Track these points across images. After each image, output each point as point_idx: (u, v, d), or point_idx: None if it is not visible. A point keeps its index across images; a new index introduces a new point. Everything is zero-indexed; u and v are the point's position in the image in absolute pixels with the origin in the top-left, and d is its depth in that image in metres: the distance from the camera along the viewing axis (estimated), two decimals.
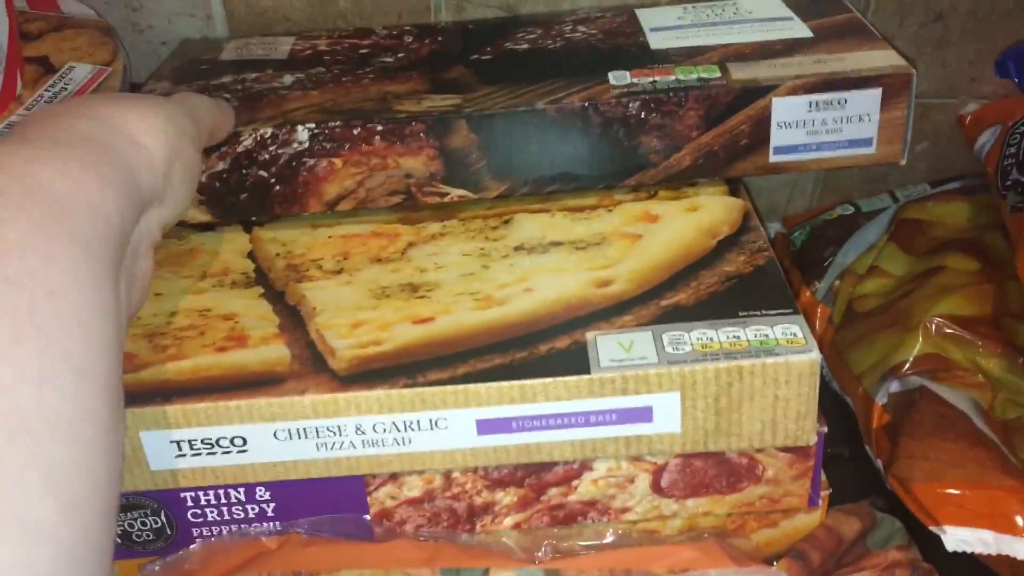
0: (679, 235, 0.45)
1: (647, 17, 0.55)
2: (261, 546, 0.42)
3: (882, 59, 0.46)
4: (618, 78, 0.47)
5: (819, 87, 0.45)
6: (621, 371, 0.38)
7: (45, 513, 0.24)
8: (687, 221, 0.46)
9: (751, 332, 0.39)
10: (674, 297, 0.41)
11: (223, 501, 0.42)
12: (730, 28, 0.52)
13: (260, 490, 0.41)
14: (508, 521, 0.42)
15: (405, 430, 0.39)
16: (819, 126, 0.46)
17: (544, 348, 0.39)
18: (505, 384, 0.38)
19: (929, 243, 0.60)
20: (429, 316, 0.42)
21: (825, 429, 0.40)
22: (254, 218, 0.49)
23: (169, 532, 0.42)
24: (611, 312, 0.41)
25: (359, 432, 0.39)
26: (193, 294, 0.44)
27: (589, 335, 0.39)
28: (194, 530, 0.42)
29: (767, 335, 0.38)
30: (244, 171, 0.47)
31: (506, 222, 0.48)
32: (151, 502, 0.41)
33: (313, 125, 0.46)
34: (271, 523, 0.42)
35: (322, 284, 0.44)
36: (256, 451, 0.39)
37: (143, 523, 0.42)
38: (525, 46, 0.53)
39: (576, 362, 0.38)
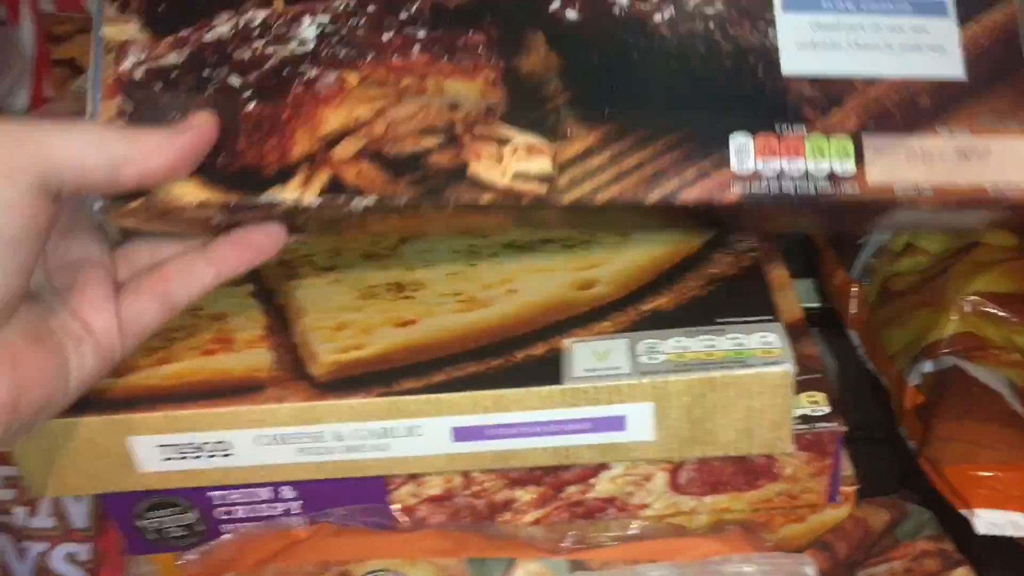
0: (665, 235, 0.44)
1: None
2: (292, 536, 0.44)
3: None
4: (740, 153, 0.37)
5: (957, 205, 0.39)
6: (593, 382, 0.37)
7: None
8: None
9: (727, 341, 0.38)
10: (655, 301, 0.41)
11: (250, 499, 0.43)
12: (875, 35, 0.39)
13: (286, 489, 0.43)
14: (528, 518, 0.43)
15: (383, 437, 0.39)
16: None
17: (520, 355, 0.39)
18: (478, 394, 0.38)
19: None
20: (412, 319, 0.42)
21: (844, 429, 0.40)
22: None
23: (200, 529, 0.44)
24: (591, 317, 0.40)
25: (338, 438, 0.39)
26: None
27: (565, 343, 0.39)
28: (223, 526, 0.44)
29: (742, 344, 0.38)
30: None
31: None
32: (183, 500, 0.43)
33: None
34: (298, 518, 0.44)
35: (311, 282, 0.45)
36: (240, 455, 0.40)
37: (174, 520, 0.44)
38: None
39: (550, 371, 0.38)
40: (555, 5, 0.37)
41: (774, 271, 0.45)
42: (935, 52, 0.39)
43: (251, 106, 0.35)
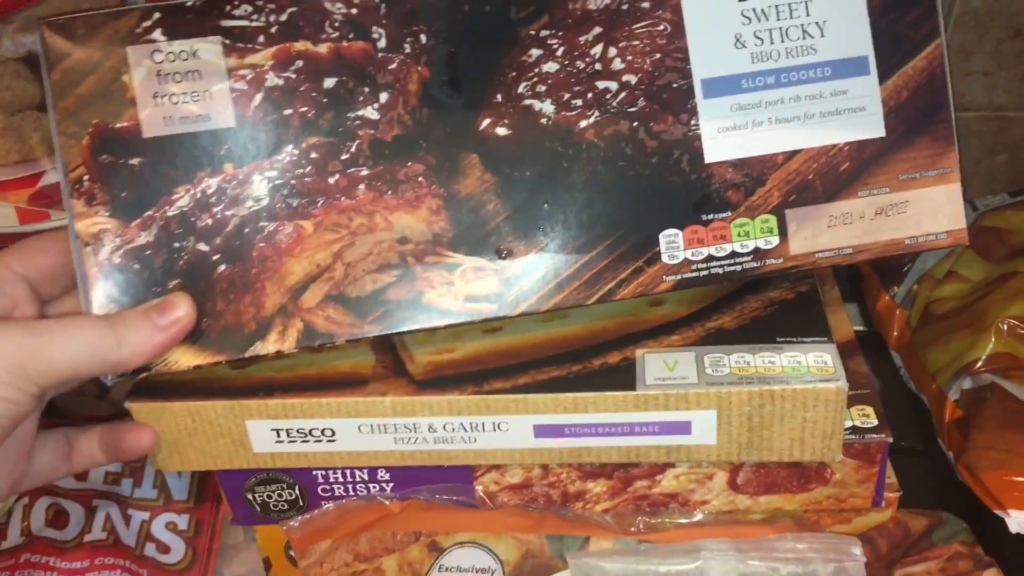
0: None
1: (697, 39, 0.41)
2: (386, 509, 0.49)
3: (944, 218, 0.42)
4: (670, 248, 0.41)
5: (873, 259, 0.42)
6: (664, 389, 0.42)
7: None
8: None
9: (785, 358, 0.42)
10: (719, 320, 0.45)
11: (348, 479, 0.48)
12: (795, 107, 0.41)
13: (381, 472, 0.48)
14: (598, 508, 0.48)
15: (471, 430, 0.44)
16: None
17: (597, 363, 0.44)
18: (560, 396, 0.43)
19: (1006, 250, 0.63)
20: (498, 326, 0.46)
21: (890, 440, 0.44)
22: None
23: (302, 504, 0.49)
24: (661, 331, 0.45)
25: (431, 430, 0.44)
26: None
27: (638, 352, 0.44)
28: (323, 503, 0.49)
29: (800, 362, 0.42)
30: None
31: None
32: (287, 478, 0.48)
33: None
34: (391, 494, 0.48)
35: None
36: (343, 441, 0.45)
37: (279, 495, 0.49)
38: (548, 108, 0.41)
39: (624, 378, 0.43)
40: (485, 124, 0.40)
41: (828, 293, 0.50)
42: (856, 114, 0.41)
43: (222, 268, 0.39)
